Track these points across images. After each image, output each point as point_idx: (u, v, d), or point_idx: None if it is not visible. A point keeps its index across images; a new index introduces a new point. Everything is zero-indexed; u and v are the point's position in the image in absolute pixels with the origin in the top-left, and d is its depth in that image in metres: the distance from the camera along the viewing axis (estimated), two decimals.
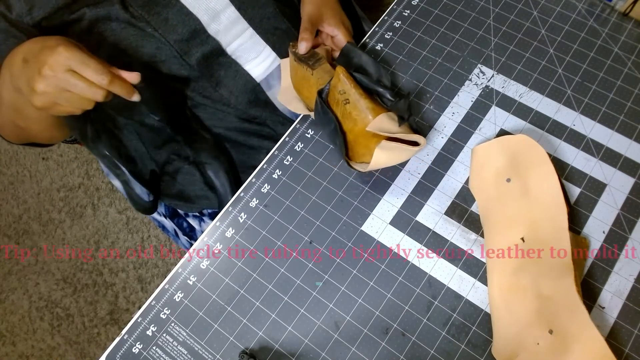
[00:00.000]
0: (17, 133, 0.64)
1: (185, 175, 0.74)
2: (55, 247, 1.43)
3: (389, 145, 0.53)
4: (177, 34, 0.59)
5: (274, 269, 0.56)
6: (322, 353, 0.52)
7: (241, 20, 0.63)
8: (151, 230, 1.42)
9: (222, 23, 0.61)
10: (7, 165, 1.55)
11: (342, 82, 0.55)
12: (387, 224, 0.57)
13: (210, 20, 0.61)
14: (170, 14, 0.58)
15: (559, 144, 0.60)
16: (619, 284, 0.53)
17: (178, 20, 0.59)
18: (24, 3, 0.54)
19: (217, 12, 0.61)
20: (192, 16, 0.59)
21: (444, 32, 0.68)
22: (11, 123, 0.62)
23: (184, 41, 0.60)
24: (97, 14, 0.55)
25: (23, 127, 0.62)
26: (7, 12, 0.55)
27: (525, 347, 0.49)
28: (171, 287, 0.56)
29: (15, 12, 0.55)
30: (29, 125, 0.62)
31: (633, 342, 0.51)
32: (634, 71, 0.64)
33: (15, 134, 0.65)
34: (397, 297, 0.54)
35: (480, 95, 0.63)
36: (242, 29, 0.64)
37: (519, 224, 0.54)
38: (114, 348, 0.54)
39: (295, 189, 0.60)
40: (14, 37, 0.57)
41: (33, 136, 0.66)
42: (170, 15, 0.58)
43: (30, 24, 0.55)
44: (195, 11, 0.59)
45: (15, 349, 1.34)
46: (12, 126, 0.63)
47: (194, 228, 0.81)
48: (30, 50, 0.49)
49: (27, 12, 0.54)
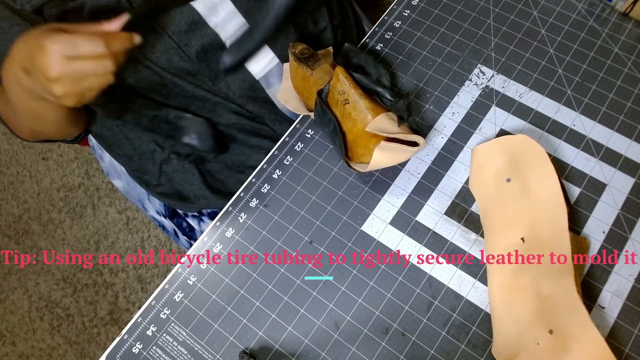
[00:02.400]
0: (33, 135, 0.66)
1: (183, 175, 0.74)
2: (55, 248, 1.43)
3: (388, 146, 0.53)
4: (175, 25, 0.59)
5: (274, 269, 0.56)
6: (322, 353, 0.52)
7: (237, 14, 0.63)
8: (151, 230, 1.42)
9: (219, 16, 0.62)
10: (7, 165, 1.55)
11: (341, 82, 0.55)
12: (387, 224, 0.57)
13: (209, 12, 0.61)
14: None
15: (559, 144, 0.60)
16: (619, 284, 0.53)
17: (176, 11, 0.59)
18: None
19: (215, 4, 0.61)
20: (190, 7, 0.60)
21: (444, 32, 0.68)
22: (28, 128, 0.63)
23: (182, 32, 0.60)
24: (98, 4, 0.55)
25: (40, 130, 0.63)
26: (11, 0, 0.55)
27: (525, 347, 0.49)
28: (171, 287, 0.56)
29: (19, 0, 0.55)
30: (46, 129, 0.63)
31: (633, 342, 0.51)
32: (634, 71, 0.64)
33: (31, 135, 0.67)
34: (397, 297, 0.54)
35: (480, 95, 0.63)
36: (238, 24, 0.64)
37: (519, 224, 0.54)
38: (114, 348, 0.54)
39: (295, 189, 0.60)
40: (17, 26, 0.57)
41: (49, 136, 0.68)
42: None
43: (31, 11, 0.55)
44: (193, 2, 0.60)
45: (15, 349, 1.34)
46: (29, 130, 0.64)
47: (193, 228, 0.81)
48: (23, 59, 0.48)
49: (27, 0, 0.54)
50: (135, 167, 0.76)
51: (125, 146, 0.73)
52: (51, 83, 0.46)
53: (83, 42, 0.46)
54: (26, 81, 0.49)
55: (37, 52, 0.46)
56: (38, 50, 0.45)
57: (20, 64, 0.48)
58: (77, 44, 0.46)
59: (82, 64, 0.46)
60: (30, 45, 0.47)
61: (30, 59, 0.47)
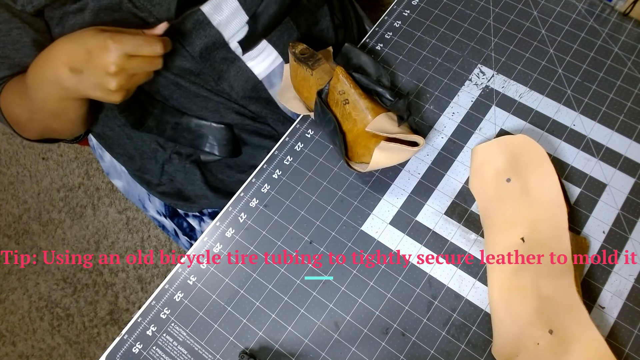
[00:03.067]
0: (42, 134, 0.66)
1: (185, 175, 0.74)
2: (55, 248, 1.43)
3: (388, 146, 0.53)
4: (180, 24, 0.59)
5: (274, 269, 0.56)
6: (322, 353, 0.52)
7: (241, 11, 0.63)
8: (151, 230, 1.42)
9: (223, 14, 0.61)
10: (7, 165, 1.55)
11: (341, 82, 0.55)
12: (387, 224, 0.57)
13: (213, 12, 0.61)
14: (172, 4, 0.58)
15: (559, 144, 0.60)
16: (619, 284, 0.53)
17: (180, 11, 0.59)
18: None
19: (219, 2, 0.60)
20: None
21: (444, 32, 0.68)
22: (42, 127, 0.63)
23: (187, 32, 0.60)
24: (100, 4, 0.55)
25: (56, 128, 0.64)
26: (12, 2, 0.55)
27: (525, 347, 0.49)
28: (171, 287, 0.56)
29: (20, 2, 0.55)
30: (63, 127, 0.64)
31: (633, 342, 0.51)
32: (634, 71, 0.64)
33: (40, 134, 0.66)
34: (397, 297, 0.54)
35: (480, 95, 0.63)
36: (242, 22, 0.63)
37: (519, 224, 0.54)
38: (114, 348, 0.54)
39: (295, 189, 0.60)
40: (17, 29, 0.57)
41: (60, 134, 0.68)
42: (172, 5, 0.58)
43: (32, 13, 0.56)
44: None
45: (15, 349, 1.34)
46: (40, 129, 0.64)
47: (194, 228, 0.81)
48: (74, 59, 0.51)
49: (28, 1, 0.54)
50: (137, 167, 0.76)
51: (127, 146, 0.73)
52: (110, 77, 0.51)
53: (142, 42, 0.51)
54: (70, 80, 0.52)
55: (98, 49, 0.50)
56: (100, 49, 0.50)
57: (67, 64, 0.51)
58: (138, 44, 0.51)
59: (139, 62, 0.52)
60: (87, 45, 0.50)
61: (87, 57, 0.50)
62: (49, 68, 0.53)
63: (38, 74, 0.55)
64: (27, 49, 0.58)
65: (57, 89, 0.54)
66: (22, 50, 0.58)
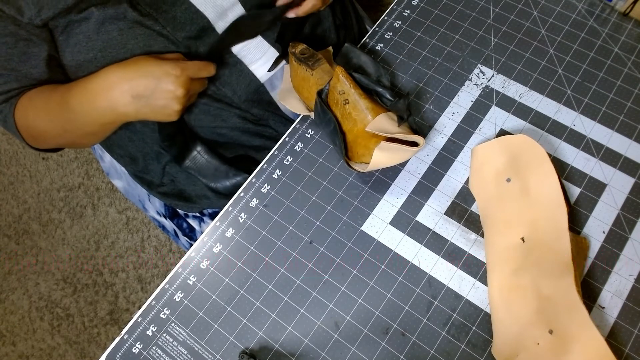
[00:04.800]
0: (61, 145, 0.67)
1: (186, 175, 0.74)
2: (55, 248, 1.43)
3: (388, 146, 0.53)
4: (185, 31, 0.59)
5: (274, 269, 0.56)
6: (322, 353, 0.52)
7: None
8: (151, 230, 1.42)
9: (227, 20, 0.61)
10: (7, 165, 1.55)
11: (341, 82, 0.55)
12: (387, 224, 0.57)
13: (218, 18, 0.61)
14: (179, 12, 0.58)
15: (559, 144, 0.60)
16: (619, 284, 0.53)
17: (186, 18, 0.59)
18: (32, 5, 0.54)
19: (225, 9, 0.60)
20: (200, 14, 0.59)
21: (444, 32, 0.68)
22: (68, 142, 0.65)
23: (192, 39, 0.60)
24: (105, 14, 0.55)
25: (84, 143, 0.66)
26: (18, 15, 0.55)
27: (525, 347, 0.49)
28: (171, 287, 0.56)
29: (27, 15, 0.54)
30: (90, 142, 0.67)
31: (633, 342, 0.51)
32: (634, 71, 0.64)
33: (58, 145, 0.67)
34: (397, 297, 0.54)
35: (480, 95, 0.63)
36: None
37: (519, 224, 0.54)
38: (114, 348, 0.54)
39: (295, 189, 0.60)
40: (23, 41, 0.57)
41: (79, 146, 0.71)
42: (178, 13, 0.58)
43: (40, 25, 0.56)
44: (202, 8, 0.59)
45: (15, 349, 1.34)
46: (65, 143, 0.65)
47: (193, 228, 0.81)
48: (138, 86, 0.55)
49: (36, 14, 0.54)
50: (139, 168, 0.76)
51: (129, 147, 0.73)
52: (175, 100, 0.56)
53: (202, 67, 0.58)
54: (130, 106, 0.56)
55: (166, 76, 0.55)
56: (168, 75, 0.55)
57: (129, 91, 0.55)
58: (197, 69, 0.58)
59: (196, 84, 0.59)
60: (153, 73, 0.55)
61: (156, 84, 0.55)
62: (104, 97, 0.56)
63: (89, 101, 0.56)
64: (34, 60, 0.58)
65: (110, 114, 0.57)
66: (29, 62, 0.59)
